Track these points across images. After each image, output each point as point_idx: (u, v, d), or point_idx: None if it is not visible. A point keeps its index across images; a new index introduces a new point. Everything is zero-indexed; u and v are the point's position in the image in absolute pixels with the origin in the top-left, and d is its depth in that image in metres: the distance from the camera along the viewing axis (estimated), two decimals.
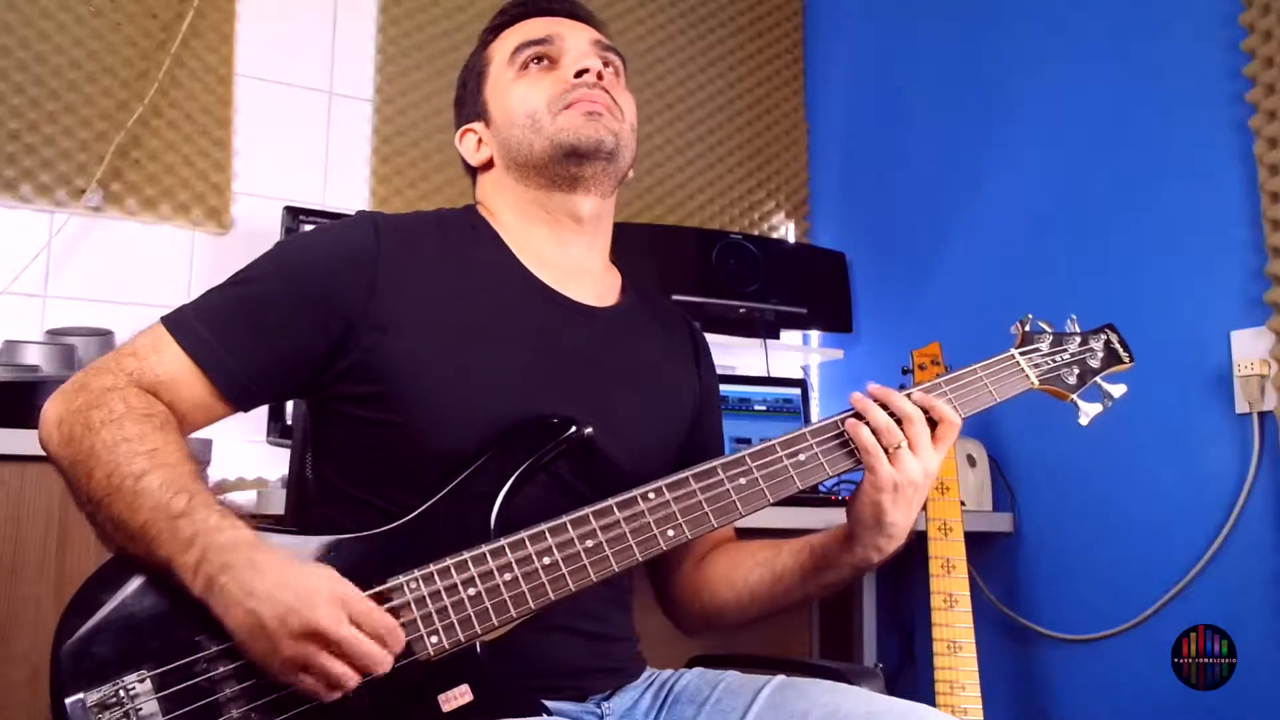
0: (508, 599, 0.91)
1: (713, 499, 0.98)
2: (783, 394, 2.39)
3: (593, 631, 1.06)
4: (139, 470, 0.87)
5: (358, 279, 1.02)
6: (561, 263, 1.14)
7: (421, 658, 0.88)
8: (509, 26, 1.18)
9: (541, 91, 1.12)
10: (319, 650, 0.82)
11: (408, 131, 2.40)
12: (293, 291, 1.01)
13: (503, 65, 1.16)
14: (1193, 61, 1.89)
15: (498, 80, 1.16)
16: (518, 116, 1.12)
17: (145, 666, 0.83)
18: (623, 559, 0.94)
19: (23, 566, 1.49)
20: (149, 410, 0.93)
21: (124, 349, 0.99)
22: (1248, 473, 1.73)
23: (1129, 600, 1.90)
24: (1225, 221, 1.81)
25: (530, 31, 1.16)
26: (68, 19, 2.08)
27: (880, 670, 1.81)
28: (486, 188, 1.18)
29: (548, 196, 1.13)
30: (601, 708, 1.06)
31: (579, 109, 1.11)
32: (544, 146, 1.10)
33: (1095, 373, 1.19)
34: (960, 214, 2.35)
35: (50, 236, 2.04)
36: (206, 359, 0.98)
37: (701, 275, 2.46)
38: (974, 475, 2.12)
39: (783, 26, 2.92)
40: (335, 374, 1.02)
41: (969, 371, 1.11)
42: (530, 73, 1.14)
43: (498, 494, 0.96)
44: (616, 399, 1.10)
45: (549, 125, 1.10)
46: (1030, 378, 1.15)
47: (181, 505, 0.86)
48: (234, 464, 2.09)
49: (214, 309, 1.01)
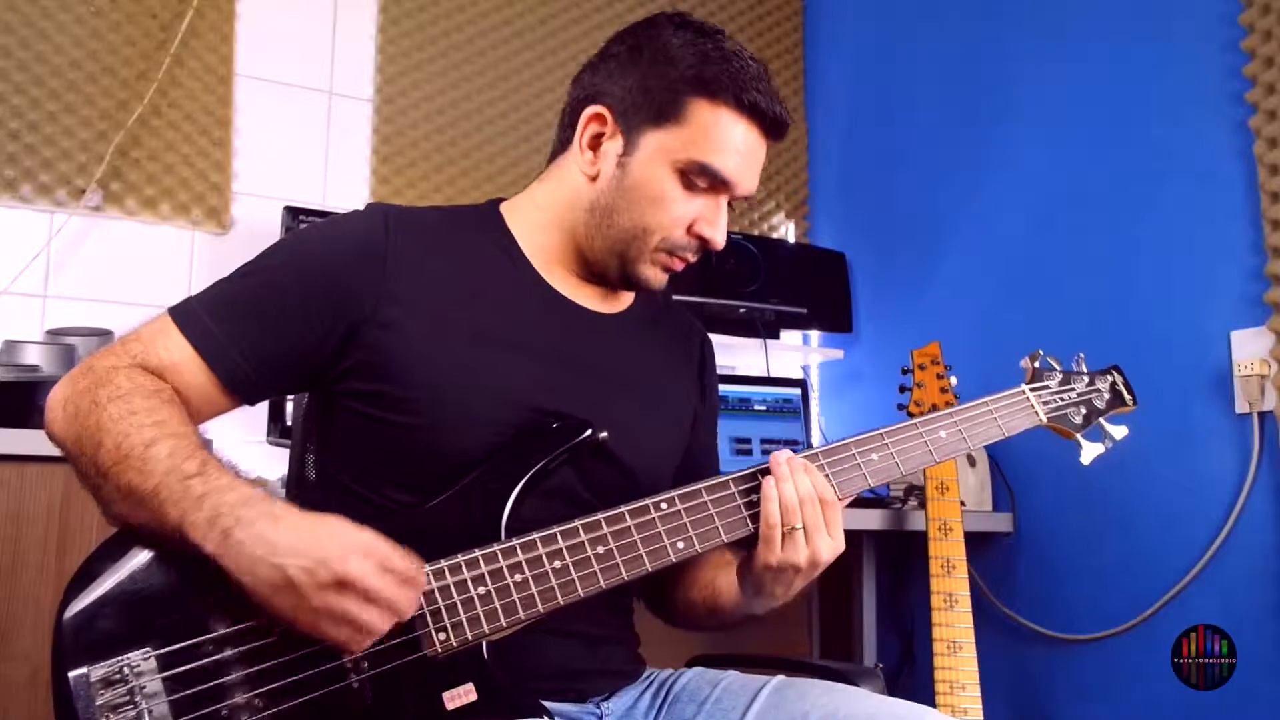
0: (517, 600, 0.90)
1: (725, 514, 0.99)
2: (783, 394, 2.39)
3: (592, 635, 1.06)
4: (148, 439, 0.87)
5: (367, 273, 1.01)
6: (574, 277, 1.13)
7: (429, 654, 0.88)
8: (735, 104, 1.04)
9: (670, 219, 1.05)
10: (351, 599, 0.81)
11: (408, 131, 2.41)
12: (301, 284, 1.00)
13: (680, 149, 1.04)
14: (1193, 61, 1.89)
15: (665, 153, 1.05)
16: (640, 216, 1.06)
17: (151, 644, 0.83)
18: (632, 568, 0.94)
19: (23, 566, 1.49)
20: (155, 386, 0.93)
21: (129, 336, 0.99)
22: (1248, 473, 1.73)
23: (1129, 600, 1.90)
24: (1225, 221, 1.81)
25: (727, 156, 1.04)
26: (68, 19, 2.08)
27: (880, 670, 1.81)
28: (562, 183, 1.11)
29: (587, 259, 1.11)
30: (601, 708, 1.06)
31: (670, 264, 1.09)
32: (623, 255, 1.08)
33: (1100, 413, 1.22)
34: (960, 214, 2.35)
35: (50, 236, 2.04)
36: (210, 349, 0.97)
37: (701, 275, 2.46)
38: (974, 475, 2.12)
39: (783, 26, 2.92)
40: (342, 370, 1.02)
41: (979, 405, 1.13)
42: (684, 187, 1.05)
43: (510, 493, 0.95)
44: (624, 404, 1.10)
45: (643, 252, 1.07)
46: (1040, 415, 1.18)
47: (194, 467, 0.85)
48: (234, 464, 2.09)
49: (220, 300, 1.00)
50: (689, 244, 1.08)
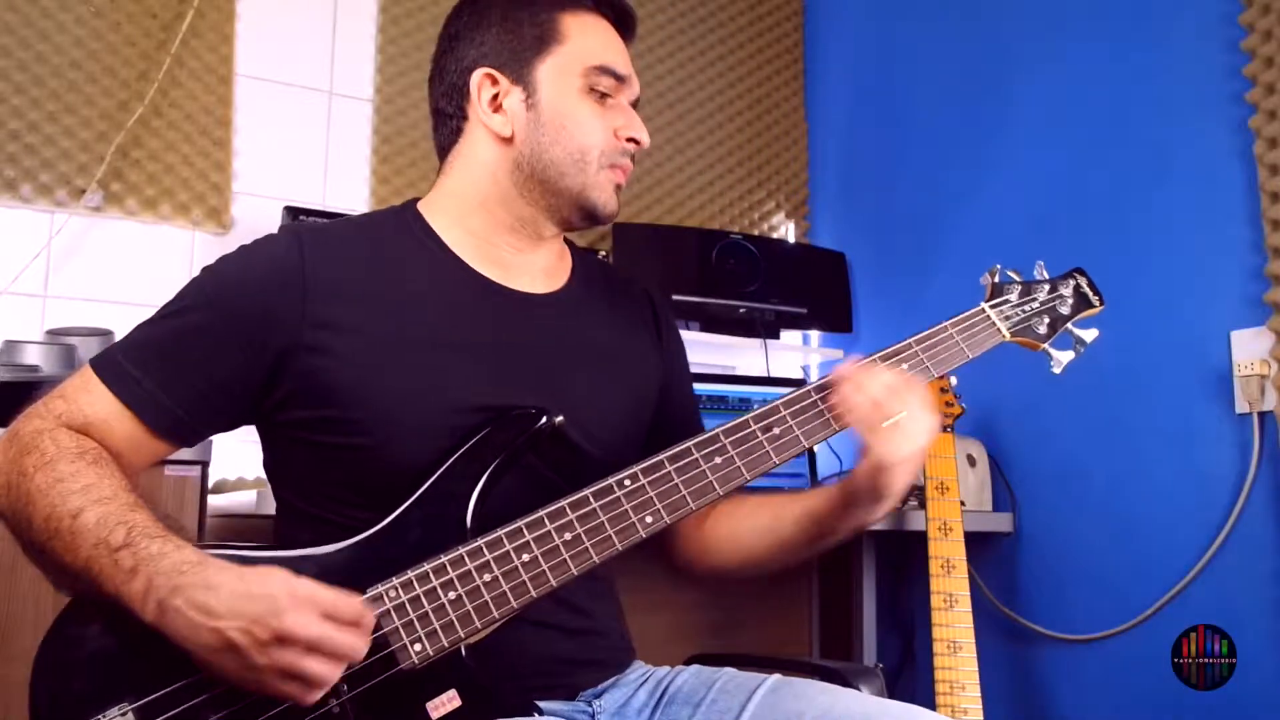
0: (489, 600, 0.90)
1: (689, 480, 0.97)
2: (783, 394, 2.38)
3: (577, 625, 1.05)
4: (74, 509, 0.86)
5: (287, 300, 0.99)
6: (506, 259, 1.12)
7: (406, 667, 0.87)
8: (591, 8, 1.13)
9: (600, 133, 1.09)
10: (293, 653, 0.80)
11: (408, 131, 2.40)
12: (221, 320, 0.99)
13: (575, 64, 1.09)
14: (1193, 61, 1.89)
15: (564, 75, 1.09)
16: (571, 142, 1.08)
17: (127, 699, 0.82)
18: (602, 550, 0.93)
19: (23, 566, 1.47)
20: (80, 448, 0.92)
21: (53, 394, 0.98)
22: (1248, 473, 1.73)
23: (1129, 600, 1.90)
24: (1225, 221, 1.80)
25: (613, 54, 1.11)
26: (68, 19, 2.08)
27: (880, 670, 1.81)
28: (474, 163, 1.11)
29: (532, 214, 1.10)
30: (593, 705, 1.05)
31: (616, 175, 1.10)
32: (571, 188, 1.08)
33: (1066, 320, 1.18)
34: (960, 214, 2.35)
35: (50, 236, 2.04)
36: (134, 398, 0.96)
37: (701, 275, 2.46)
38: (974, 475, 2.12)
39: (783, 26, 2.92)
40: (277, 400, 1.00)
41: (939, 330, 1.11)
42: (596, 101, 1.09)
43: (471, 493, 0.94)
44: (576, 383, 1.09)
45: (590, 175, 1.08)
46: (1002, 331, 1.14)
47: (120, 537, 0.84)
48: (234, 464, 2.09)
49: (141, 345, 0.99)
50: (623, 149, 1.10)
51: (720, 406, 2.25)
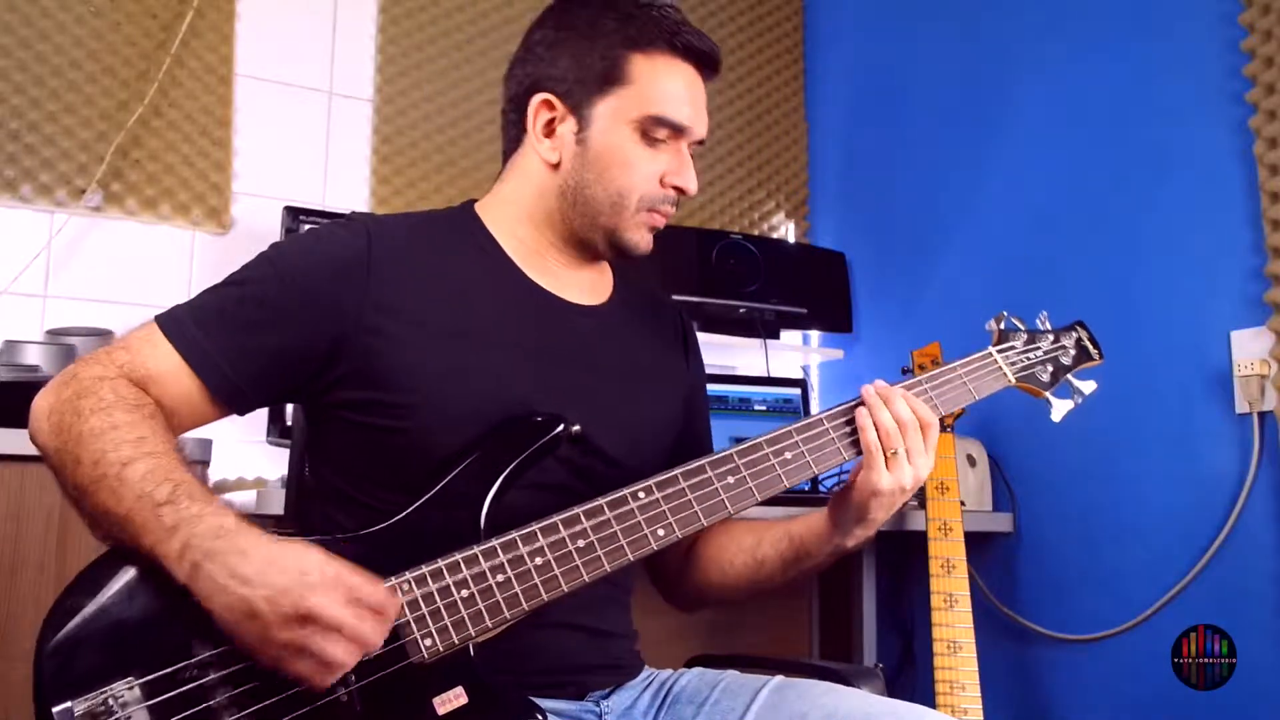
0: (501, 600, 0.90)
1: (702, 497, 0.99)
2: (783, 394, 2.39)
3: (591, 628, 1.07)
4: (125, 458, 0.86)
5: (352, 285, 1.01)
6: (554, 269, 1.14)
7: (416, 661, 0.87)
8: (670, 50, 1.10)
9: (645, 179, 1.08)
10: (315, 632, 0.79)
11: (408, 131, 2.41)
12: (288, 295, 1.00)
13: (633, 109, 1.07)
14: (1193, 61, 1.89)
15: (619, 118, 1.08)
16: (612, 184, 1.08)
17: (134, 673, 0.82)
18: (614, 559, 0.95)
19: (23, 566, 1.49)
20: (138, 400, 0.93)
21: (116, 343, 0.99)
22: (1248, 473, 1.73)
23: (1129, 600, 1.90)
24: (1225, 222, 1.80)
25: (675, 104, 1.09)
26: (68, 19, 2.09)
27: (880, 670, 1.81)
28: (526, 178, 1.12)
29: (574, 237, 1.12)
30: (600, 706, 1.06)
31: (654, 219, 1.11)
32: (606, 226, 1.09)
33: (1067, 370, 1.23)
34: (960, 214, 2.35)
35: (50, 236, 2.04)
36: (198, 359, 0.97)
37: (701, 275, 2.46)
38: (974, 475, 2.12)
39: (783, 26, 2.92)
40: (330, 380, 1.02)
41: (948, 370, 1.15)
42: (648, 145, 1.08)
43: (486, 494, 0.95)
44: (610, 395, 1.11)
45: (625, 218, 1.09)
46: (1008, 376, 1.18)
47: (165, 494, 0.84)
48: (234, 464, 2.09)
49: (208, 309, 1.00)
50: (666, 197, 1.10)
51: (720, 407, 2.25)
